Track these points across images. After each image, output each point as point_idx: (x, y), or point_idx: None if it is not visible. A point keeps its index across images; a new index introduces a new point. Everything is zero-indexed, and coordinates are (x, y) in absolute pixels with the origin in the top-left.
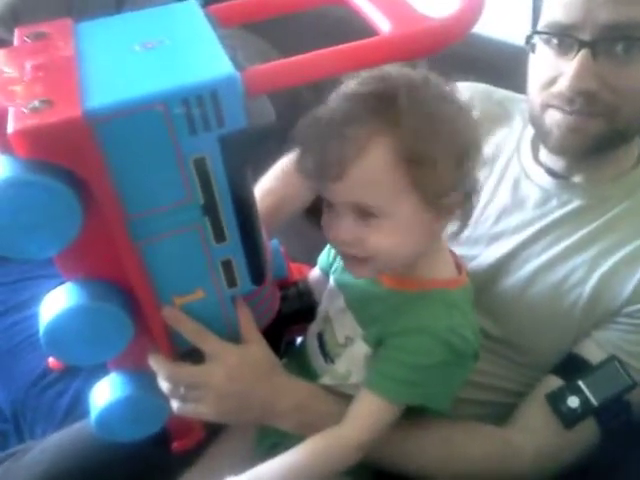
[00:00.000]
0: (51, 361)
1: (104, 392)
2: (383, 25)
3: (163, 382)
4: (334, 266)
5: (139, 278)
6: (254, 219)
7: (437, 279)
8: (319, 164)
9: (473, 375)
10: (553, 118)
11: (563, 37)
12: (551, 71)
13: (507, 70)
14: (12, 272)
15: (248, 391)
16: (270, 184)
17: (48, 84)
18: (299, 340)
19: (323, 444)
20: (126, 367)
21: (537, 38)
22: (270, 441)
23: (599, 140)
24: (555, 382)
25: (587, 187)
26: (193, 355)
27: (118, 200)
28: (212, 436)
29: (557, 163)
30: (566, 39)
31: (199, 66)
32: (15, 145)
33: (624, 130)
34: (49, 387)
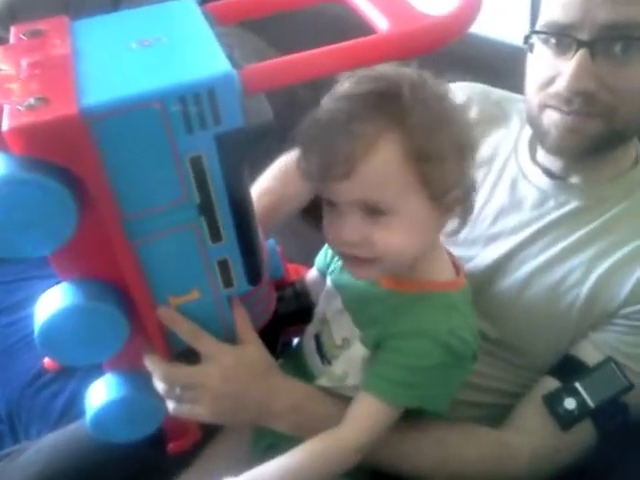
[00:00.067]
0: (46, 361)
1: (100, 393)
2: (381, 23)
3: (159, 383)
4: (331, 267)
5: (135, 278)
6: (250, 219)
7: (436, 281)
8: (325, 163)
9: (470, 377)
10: (551, 118)
11: (561, 37)
12: (549, 71)
13: (504, 70)
14: (7, 273)
15: (244, 392)
16: (267, 184)
17: (44, 82)
18: (295, 341)
19: (321, 446)
20: (122, 367)
21: (535, 38)
22: (266, 442)
23: (597, 140)
24: (552, 383)
25: (584, 188)
26: (189, 355)
27: (114, 199)
28: (208, 437)
29: (554, 163)
30: (564, 39)
31: (196, 64)
32: (10, 143)
33: (622, 130)
34: (44, 388)
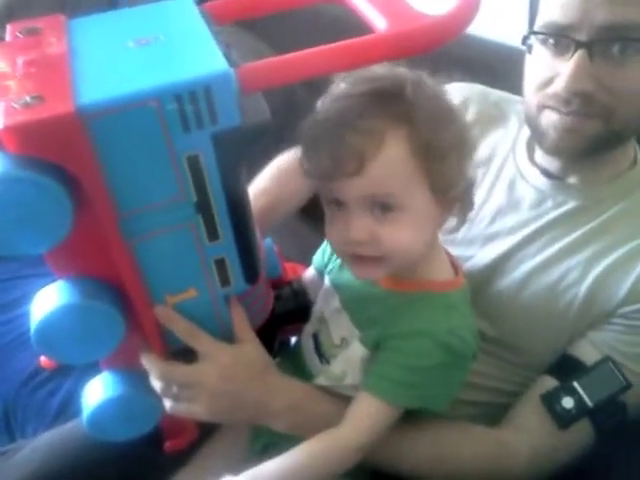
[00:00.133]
0: (43, 360)
1: (96, 391)
2: (379, 23)
3: (155, 381)
4: (329, 266)
5: (131, 276)
6: (248, 218)
7: (435, 280)
8: (336, 160)
9: (468, 375)
10: (549, 119)
11: (560, 38)
12: (547, 72)
13: (502, 71)
14: (3, 271)
15: (241, 390)
16: (265, 183)
17: (40, 80)
18: (293, 340)
19: (322, 446)
20: (118, 366)
21: (534, 38)
22: (263, 441)
23: (595, 141)
24: (550, 383)
25: (582, 188)
26: (186, 354)
27: (110, 197)
28: (205, 436)
29: (552, 164)
30: (563, 40)
31: (193, 62)
32: (5, 141)
33: (620, 131)
34: (40, 386)
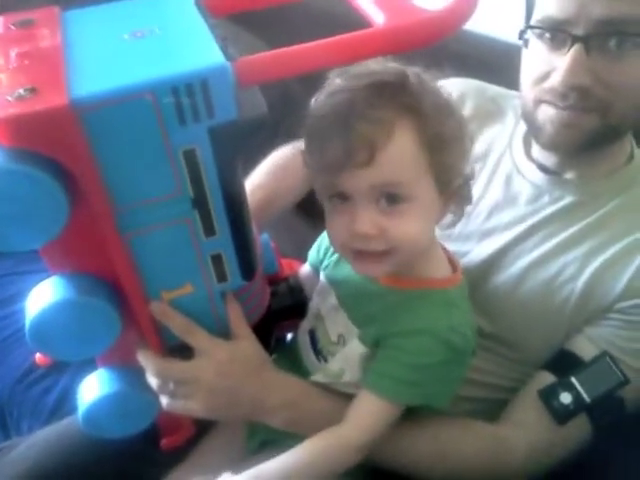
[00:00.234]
0: (38, 357)
1: (92, 388)
2: (377, 17)
3: (152, 378)
4: (324, 262)
5: (127, 272)
6: (245, 213)
7: (434, 278)
8: (346, 150)
9: (466, 372)
10: (546, 113)
11: (556, 32)
12: (544, 66)
13: (499, 67)
14: None
15: (237, 387)
16: (261, 178)
17: (34, 72)
18: (289, 336)
19: (323, 444)
20: (114, 362)
21: (530, 33)
22: (260, 438)
23: (592, 136)
24: (547, 378)
25: (579, 183)
26: (182, 350)
27: (105, 191)
28: (202, 433)
29: (549, 159)
30: (559, 34)
31: (189, 55)
32: None
33: (617, 126)
34: (36, 383)
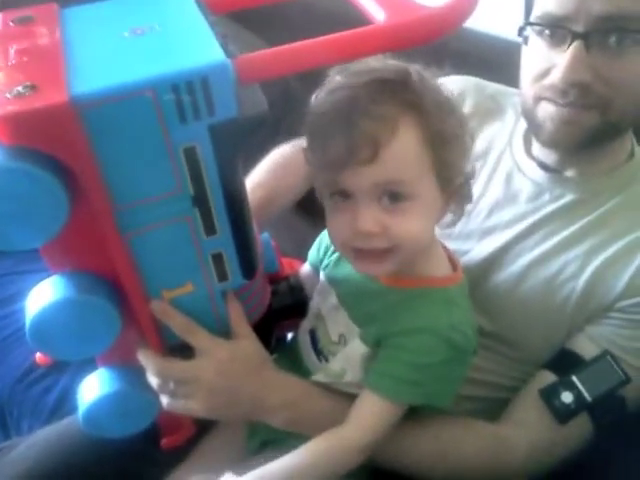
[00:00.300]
0: (38, 356)
1: (92, 387)
2: (377, 14)
3: (152, 377)
4: (324, 262)
5: (127, 271)
6: (245, 212)
7: (435, 276)
8: (348, 148)
9: (467, 371)
10: (546, 111)
11: (556, 28)
12: (544, 63)
13: (498, 64)
14: None
15: (238, 386)
16: (261, 177)
17: (33, 69)
18: (290, 336)
19: (325, 446)
20: (115, 362)
21: (530, 30)
22: (260, 438)
23: (592, 133)
24: (548, 377)
25: (580, 181)
26: (183, 350)
27: (105, 190)
28: (202, 432)
29: (550, 157)
30: (559, 30)
31: (190, 52)
32: None
33: (617, 123)
34: (36, 383)
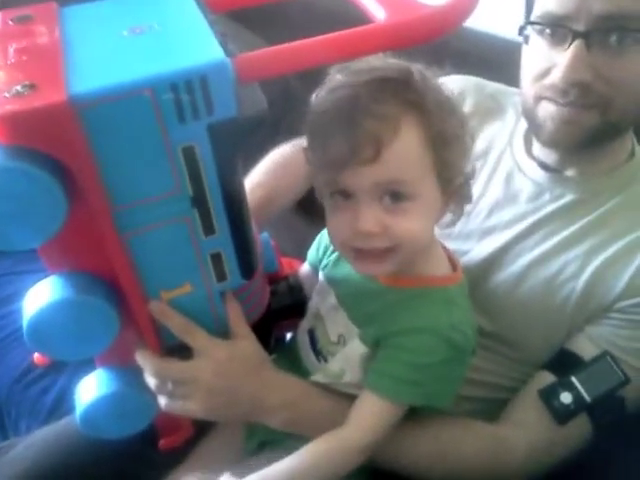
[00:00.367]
0: (36, 357)
1: (90, 388)
2: (378, 13)
3: (150, 378)
4: (323, 262)
5: (125, 271)
6: (244, 212)
7: (434, 276)
8: (350, 147)
9: (466, 371)
10: (547, 110)
11: (556, 28)
12: (544, 62)
13: (499, 64)
14: None
15: (236, 386)
16: (261, 177)
17: (32, 68)
18: (289, 336)
19: (325, 447)
20: (113, 362)
21: (530, 29)
22: (259, 439)
23: (593, 133)
24: (548, 378)
25: (580, 181)
26: (181, 350)
27: (104, 190)
28: (201, 434)
29: (550, 156)
30: (560, 30)
31: (189, 52)
32: None
33: (617, 122)
34: (34, 383)
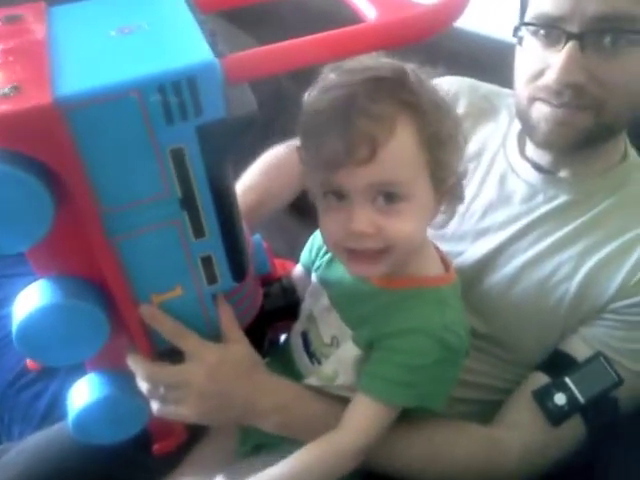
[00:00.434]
0: (29, 361)
1: (81, 393)
2: (369, 12)
3: (142, 382)
4: (316, 263)
5: (115, 275)
6: (234, 214)
7: (427, 276)
8: (345, 147)
9: (460, 373)
10: (540, 111)
11: (551, 29)
12: (538, 63)
13: (491, 65)
14: None
15: (229, 390)
16: (254, 178)
17: (18, 69)
18: (282, 338)
19: (319, 451)
20: (104, 367)
21: (524, 30)
22: (252, 443)
23: (586, 134)
24: (541, 379)
25: (573, 182)
26: (173, 354)
27: (92, 193)
28: (194, 438)
29: (543, 158)
30: (554, 31)
31: (177, 52)
32: None
33: (611, 124)
34: (27, 388)
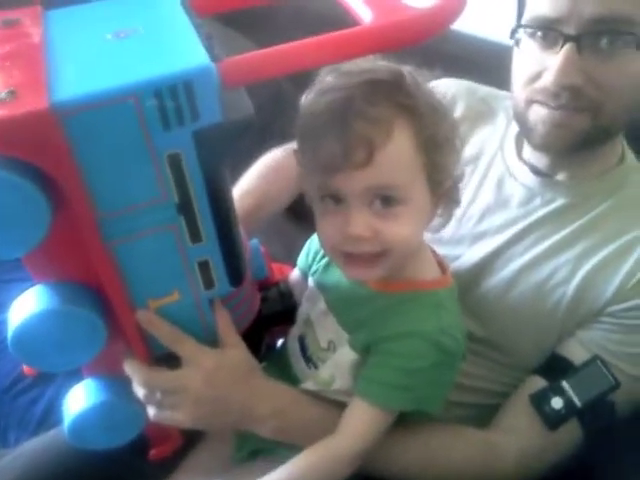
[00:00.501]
0: (25, 367)
1: (78, 399)
2: (365, 15)
3: (138, 388)
4: (313, 267)
5: (112, 280)
6: (231, 219)
7: (424, 280)
8: (341, 151)
9: (457, 377)
10: (538, 114)
11: (548, 31)
12: (536, 66)
13: (488, 68)
14: None
15: (225, 395)
16: (251, 182)
17: (14, 74)
18: (279, 343)
19: (316, 456)
20: (101, 372)
21: (522, 32)
22: (249, 448)
23: (584, 136)
24: (539, 383)
25: (571, 185)
26: (169, 360)
27: (88, 198)
28: (190, 443)
29: (541, 160)
30: (551, 33)
31: (173, 56)
32: None
33: (608, 126)
34: (23, 393)
